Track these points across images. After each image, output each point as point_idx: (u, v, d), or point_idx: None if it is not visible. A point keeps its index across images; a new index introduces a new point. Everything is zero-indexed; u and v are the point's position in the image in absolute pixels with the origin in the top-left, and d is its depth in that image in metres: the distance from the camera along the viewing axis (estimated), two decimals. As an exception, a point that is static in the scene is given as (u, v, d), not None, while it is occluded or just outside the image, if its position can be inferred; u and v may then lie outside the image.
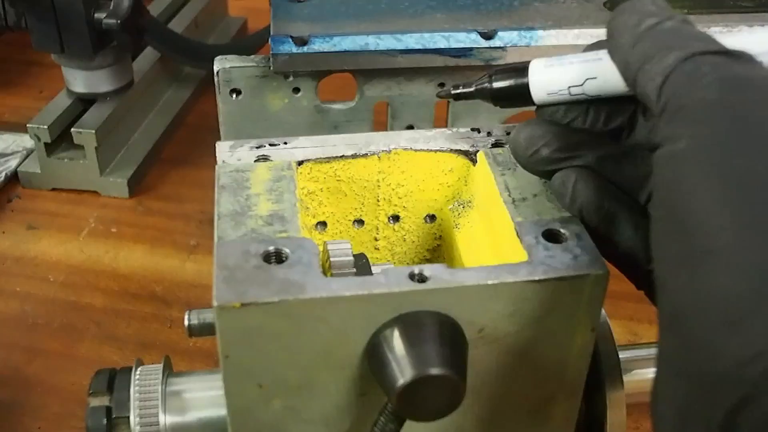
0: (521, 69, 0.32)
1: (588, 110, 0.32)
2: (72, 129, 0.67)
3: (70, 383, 0.51)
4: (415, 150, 0.38)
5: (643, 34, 0.27)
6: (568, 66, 0.31)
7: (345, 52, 0.49)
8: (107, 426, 0.35)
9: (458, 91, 0.35)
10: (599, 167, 0.31)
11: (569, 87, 0.31)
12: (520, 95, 0.32)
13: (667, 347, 0.24)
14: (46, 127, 0.66)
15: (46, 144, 0.67)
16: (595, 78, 0.31)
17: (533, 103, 0.32)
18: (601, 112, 0.32)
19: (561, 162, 0.32)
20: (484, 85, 0.33)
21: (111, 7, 0.65)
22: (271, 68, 0.49)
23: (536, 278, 0.30)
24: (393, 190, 0.39)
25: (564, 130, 0.32)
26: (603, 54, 0.30)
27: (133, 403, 0.35)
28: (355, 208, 0.40)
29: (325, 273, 0.30)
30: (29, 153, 0.72)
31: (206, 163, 0.50)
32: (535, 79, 0.32)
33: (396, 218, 0.40)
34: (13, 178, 0.70)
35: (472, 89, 0.34)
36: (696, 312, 0.22)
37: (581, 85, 0.31)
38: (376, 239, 0.41)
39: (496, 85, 0.33)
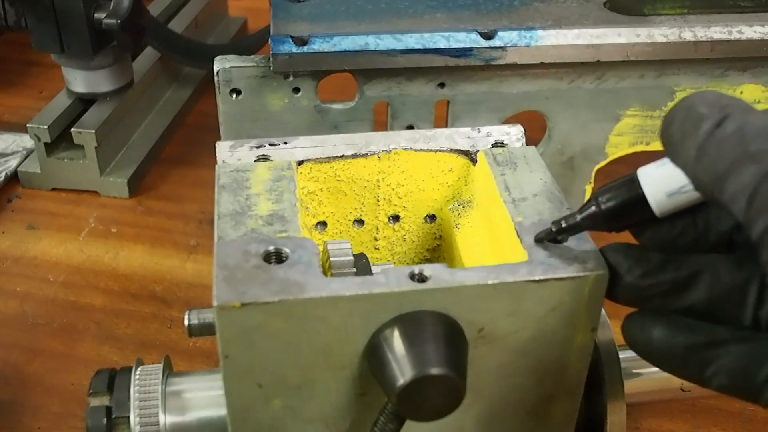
0: (629, 180, 0.29)
1: (696, 218, 0.29)
2: (72, 129, 0.67)
3: (70, 383, 0.51)
4: (415, 150, 0.38)
5: (703, 145, 0.24)
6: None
7: (345, 52, 0.49)
8: (107, 426, 0.35)
9: (562, 227, 0.31)
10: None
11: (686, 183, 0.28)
12: (635, 208, 0.29)
13: None
14: (46, 127, 0.66)
15: (46, 144, 0.67)
16: None
17: (650, 216, 0.29)
18: (710, 214, 0.29)
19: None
20: (591, 211, 0.30)
21: (111, 7, 0.65)
22: (271, 68, 0.49)
23: (536, 278, 0.30)
24: (393, 190, 0.39)
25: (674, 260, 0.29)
26: None
27: (133, 403, 0.35)
28: (355, 208, 0.40)
29: (325, 273, 0.30)
30: (29, 153, 0.72)
31: (206, 163, 0.50)
32: (650, 182, 0.28)
33: (396, 218, 0.40)
34: (13, 178, 0.70)
35: (578, 220, 0.31)
36: None
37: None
38: (376, 239, 0.41)
39: (608, 206, 0.29)
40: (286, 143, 0.38)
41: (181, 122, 0.79)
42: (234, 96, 0.51)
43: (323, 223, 0.40)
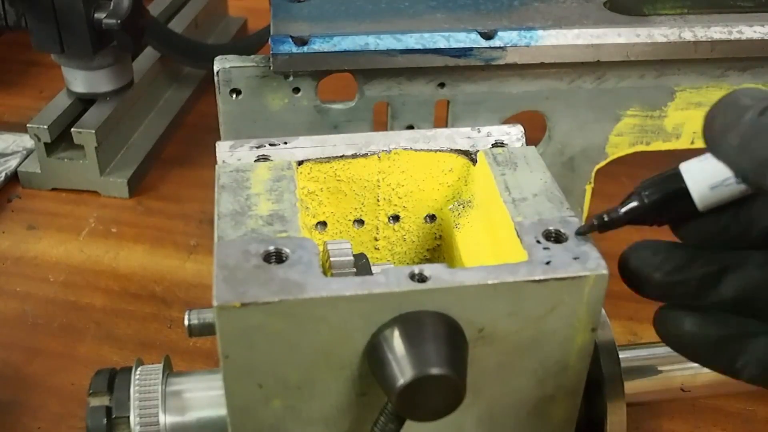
0: (672, 174, 0.29)
1: (740, 213, 0.29)
2: (72, 129, 0.67)
3: (70, 383, 0.51)
4: (415, 150, 0.38)
5: (746, 133, 0.24)
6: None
7: (345, 52, 0.49)
8: (107, 426, 0.35)
9: (605, 220, 0.31)
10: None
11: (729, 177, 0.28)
12: (678, 201, 0.29)
13: None
14: (46, 127, 0.66)
15: (46, 144, 0.67)
16: None
17: (693, 210, 0.29)
18: (753, 209, 0.28)
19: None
20: (633, 205, 0.30)
21: (111, 7, 0.65)
22: (271, 68, 0.49)
23: (536, 278, 0.30)
24: (393, 190, 0.39)
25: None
26: None
27: (133, 403, 0.35)
28: (355, 208, 0.40)
29: (325, 273, 0.30)
30: (29, 153, 0.72)
31: (206, 163, 0.50)
32: (693, 176, 0.29)
33: (396, 218, 0.40)
34: (13, 178, 0.70)
35: (620, 213, 0.31)
36: None
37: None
38: (376, 239, 0.41)
39: (651, 199, 0.30)
40: (286, 143, 0.38)
41: (181, 122, 0.79)
42: (234, 96, 0.51)
43: (323, 223, 0.40)
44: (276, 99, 0.51)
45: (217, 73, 0.50)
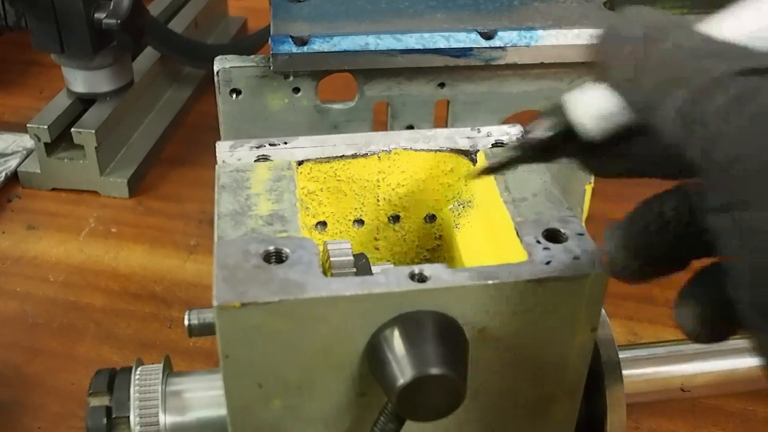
0: (556, 108, 0.27)
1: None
2: (72, 129, 0.67)
3: (70, 383, 0.51)
4: (415, 150, 0.38)
5: (638, 66, 0.23)
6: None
7: (345, 52, 0.49)
8: (107, 426, 0.35)
9: (498, 162, 0.29)
10: None
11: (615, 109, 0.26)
12: (567, 136, 0.27)
13: None
14: (46, 127, 0.66)
15: (46, 144, 0.67)
16: None
17: (583, 147, 0.27)
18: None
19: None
20: (523, 144, 0.28)
21: (111, 7, 0.65)
22: (271, 68, 0.49)
23: (536, 278, 0.30)
24: (393, 190, 0.39)
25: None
26: None
27: (133, 403, 0.35)
28: (355, 208, 0.40)
29: (325, 273, 0.30)
30: (29, 153, 0.72)
31: (206, 163, 0.50)
32: (582, 106, 0.27)
33: (396, 218, 0.40)
34: (13, 178, 0.70)
35: (511, 154, 0.28)
36: None
37: None
38: (376, 239, 0.41)
39: (541, 134, 0.27)
40: (286, 143, 0.38)
41: (181, 122, 0.79)
42: (234, 96, 0.51)
43: (323, 223, 0.40)
44: (276, 99, 0.51)
45: (217, 73, 0.50)
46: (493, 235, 0.36)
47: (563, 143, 0.27)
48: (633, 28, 0.23)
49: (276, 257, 0.31)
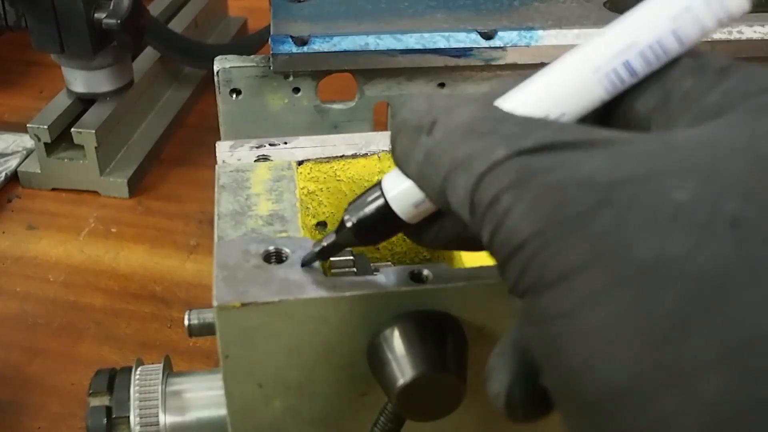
0: (375, 194, 0.27)
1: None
2: (72, 129, 0.67)
3: (70, 383, 0.51)
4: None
5: (420, 160, 0.22)
6: None
7: (345, 52, 0.49)
8: (107, 426, 0.35)
9: (324, 246, 0.29)
10: None
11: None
12: (385, 220, 0.27)
13: None
14: (46, 127, 0.66)
15: (46, 144, 0.67)
16: None
17: (406, 227, 0.27)
18: None
19: None
20: (344, 229, 0.28)
21: (111, 7, 0.65)
22: (271, 68, 0.49)
23: (536, 278, 0.30)
24: (393, 190, 0.39)
25: None
26: None
27: (133, 403, 0.35)
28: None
29: (325, 273, 0.30)
30: (29, 153, 0.72)
31: (206, 163, 0.50)
32: (395, 194, 0.26)
33: (396, 218, 0.40)
34: (13, 178, 0.70)
35: (334, 239, 0.29)
36: None
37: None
38: (376, 239, 0.41)
39: (356, 221, 0.27)
40: (286, 143, 0.38)
41: (181, 122, 0.79)
42: (234, 96, 0.51)
43: (323, 223, 0.40)
44: (276, 99, 0.51)
45: (217, 73, 0.50)
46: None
47: (385, 223, 0.27)
48: (410, 119, 0.23)
49: (276, 257, 0.31)
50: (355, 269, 0.34)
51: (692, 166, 0.18)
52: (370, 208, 0.27)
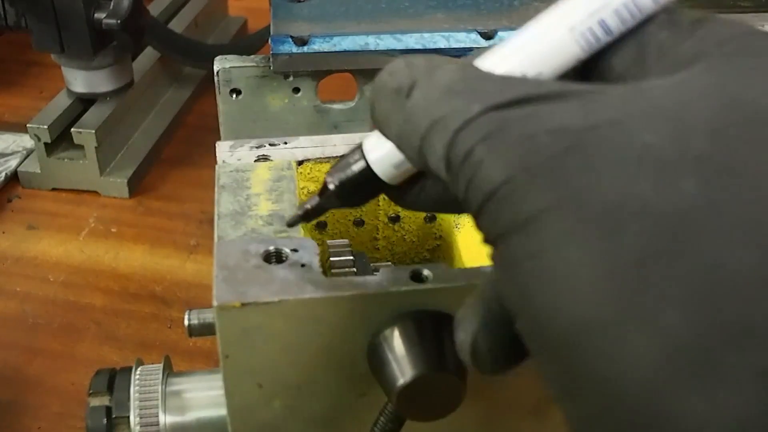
0: (357, 156, 0.27)
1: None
2: (72, 129, 0.67)
3: (70, 383, 0.51)
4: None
5: (400, 122, 0.22)
6: None
7: (345, 52, 0.49)
8: (107, 426, 0.35)
9: (307, 209, 0.29)
10: None
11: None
12: (366, 182, 0.27)
13: None
14: (46, 127, 0.66)
15: (46, 144, 0.67)
16: None
17: (387, 189, 0.27)
18: None
19: None
20: (325, 192, 0.28)
21: (111, 7, 0.65)
22: (271, 68, 0.49)
23: (536, 278, 0.30)
24: (393, 190, 0.39)
25: None
26: None
27: (133, 403, 0.35)
28: (355, 209, 0.40)
29: (325, 273, 0.30)
30: (29, 153, 0.72)
31: (206, 163, 0.50)
32: (376, 156, 0.26)
33: (396, 218, 0.40)
34: (13, 178, 0.70)
35: (317, 201, 0.29)
36: None
37: None
38: (376, 239, 0.41)
39: (338, 183, 0.27)
40: (286, 143, 0.38)
41: (181, 122, 0.79)
42: (234, 96, 0.51)
43: (323, 223, 0.40)
44: (276, 99, 0.51)
45: (217, 73, 0.50)
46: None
47: (367, 185, 0.27)
48: (389, 83, 0.23)
49: (276, 257, 0.31)
50: (355, 269, 0.34)
51: (661, 110, 0.19)
52: (351, 170, 0.27)
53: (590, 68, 0.23)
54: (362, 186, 0.27)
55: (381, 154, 0.26)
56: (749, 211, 0.17)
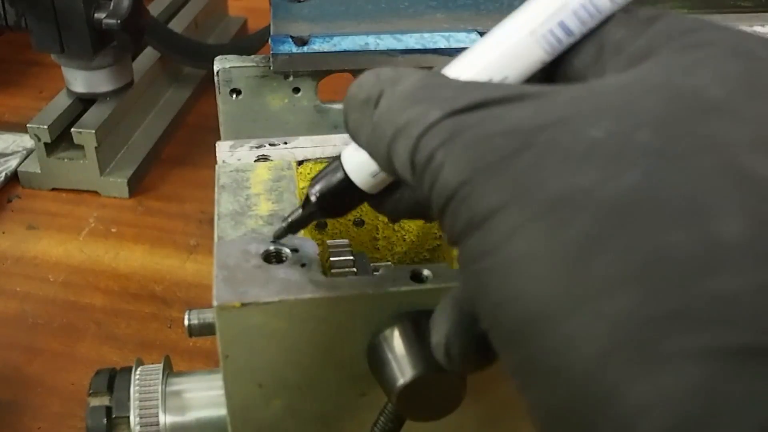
0: (334, 165, 0.28)
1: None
2: (72, 129, 0.67)
3: (70, 383, 0.51)
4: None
5: (369, 132, 0.23)
6: None
7: (345, 52, 0.49)
8: (107, 426, 0.35)
9: (290, 222, 0.30)
10: None
11: None
12: (348, 191, 0.27)
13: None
14: (46, 127, 0.66)
15: (46, 144, 0.67)
16: None
17: (368, 198, 0.28)
18: None
19: None
20: (308, 204, 0.29)
21: (111, 7, 0.65)
22: (271, 68, 0.49)
23: (536, 278, 0.30)
24: (393, 190, 0.39)
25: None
26: None
27: (133, 403, 0.35)
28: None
29: (325, 273, 0.30)
30: (29, 153, 0.72)
31: (206, 163, 0.50)
32: (353, 166, 0.27)
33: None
34: (13, 178, 0.70)
35: (299, 213, 0.30)
36: None
37: None
38: (376, 239, 0.41)
39: (319, 195, 0.28)
40: (286, 143, 0.38)
41: (181, 122, 0.79)
42: (234, 96, 0.51)
43: (323, 224, 0.40)
44: (276, 99, 0.51)
45: (217, 73, 0.50)
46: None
47: (347, 194, 0.28)
48: (359, 93, 0.24)
49: (276, 257, 0.31)
50: (355, 269, 0.34)
51: (609, 106, 0.19)
52: (331, 181, 0.28)
53: (555, 71, 0.24)
54: (343, 196, 0.28)
55: (358, 163, 0.27)
56: (686, 195, 0.17)
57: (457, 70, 0.24)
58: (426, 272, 0.30)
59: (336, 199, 0.28)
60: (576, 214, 0.18)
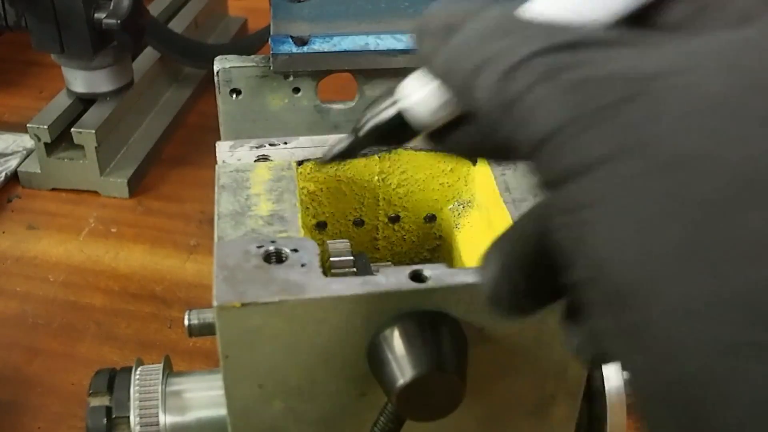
0: (390, 97, 0.26)
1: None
2: (72, 129, 0.67)
3: (70, 383, 0.51)
4: (416, 150, 0.38)
5: (450, 55, 0.21)
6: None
7: (345, 52, 0.49)
8: (107, 426, 0.35)
9: (345, 148, 0.28)
10: None
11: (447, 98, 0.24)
12: (401, 126, 0.26)
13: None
14: (46, 127, 0.66)
15: (46, 144, 0.67)
16: None
17: (419, 131, 0.26)
18: None
19: None
20: (366, 128, 0.27)
21: (111, 7, 0.65)
22: (271, 68, 0.49)
23: (536, 278, 0.30)
24: (393, 190, 0.39)
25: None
26: None
27: (133, 403, 0.35)
28: (355, 208, 0.40)
29: (325, 273, 0.30)
30: (29, 153, 0.72)
31: (206, 163, 0.50)
32: (416, 95, 0.25)
33: (396, 218, 0.40)
34: (13, 178, 0.70)
35: (357, 137, 0.27)
36: None
37: None
38: (376, 239, 0.41)
39: (369, 126, 0.26)
40: (286, 143, 0.38)
41: (181, 122, 0.79)
42: (234, 96, 0.51)
43: (323, 224, 0.40)
44: (276, 99, 0.51)
45: (217, 73, 0.50)
46: (493, 235, 0.36)
47: (400, 129, 0.26)
48: (439, 17, 0.22)
49: (276, 257, 0.31)
50: (355, 269, 0.34)
51: (726, 62, 0.18)
52: (387, 113, 0.26)
53: (645, 21, 0.22)
54: (399, 127, 0.26)
55: (419, 94, 0.25)
56: None
57: (535, 11, 0.22)
58: (426, 272, 0.30)
59: (392, 130, 0.26)
60: (702, 175, 0.16)
